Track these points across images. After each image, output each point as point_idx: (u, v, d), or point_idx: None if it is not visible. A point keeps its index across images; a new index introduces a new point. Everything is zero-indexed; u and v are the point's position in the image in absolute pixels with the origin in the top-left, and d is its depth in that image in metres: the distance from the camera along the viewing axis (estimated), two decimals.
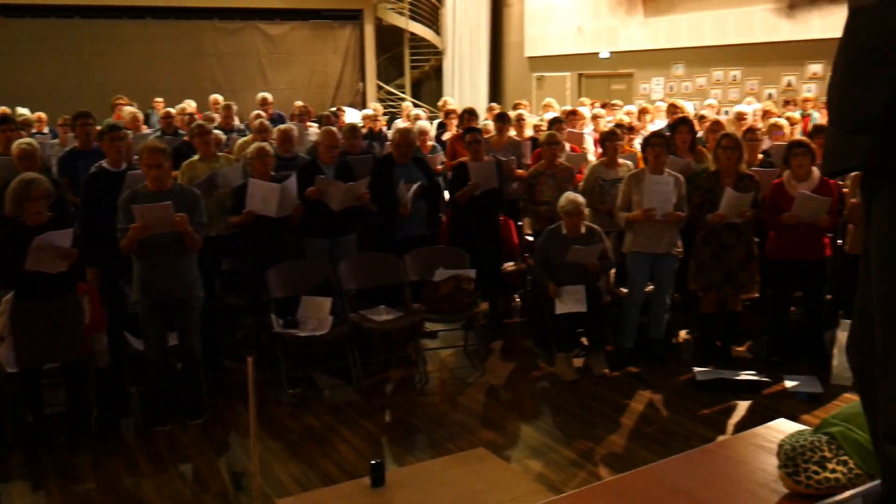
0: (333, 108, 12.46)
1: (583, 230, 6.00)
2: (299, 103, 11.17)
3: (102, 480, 4.52)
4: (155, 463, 4.72)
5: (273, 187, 5.70)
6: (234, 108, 10.26)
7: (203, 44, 17.71)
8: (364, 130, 9.78)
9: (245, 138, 8.02)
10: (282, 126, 7.31)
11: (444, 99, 12.82)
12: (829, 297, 6.12)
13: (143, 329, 5.13)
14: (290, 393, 5.56)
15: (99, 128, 6.42)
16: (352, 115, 12.03)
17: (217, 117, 10.08)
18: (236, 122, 10.36)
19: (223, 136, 7.57)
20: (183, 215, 4.84)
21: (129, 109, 10.43)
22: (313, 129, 9.66)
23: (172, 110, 10.22)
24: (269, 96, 11.60)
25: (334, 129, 7.00)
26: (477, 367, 6.16)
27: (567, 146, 8.02)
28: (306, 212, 6.06)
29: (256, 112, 10.11)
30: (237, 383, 5.64)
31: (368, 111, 11.54)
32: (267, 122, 7.94)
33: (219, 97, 12.08)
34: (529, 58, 17.91)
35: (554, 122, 8.19)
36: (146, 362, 5.14)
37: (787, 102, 10.73)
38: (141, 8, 16.73)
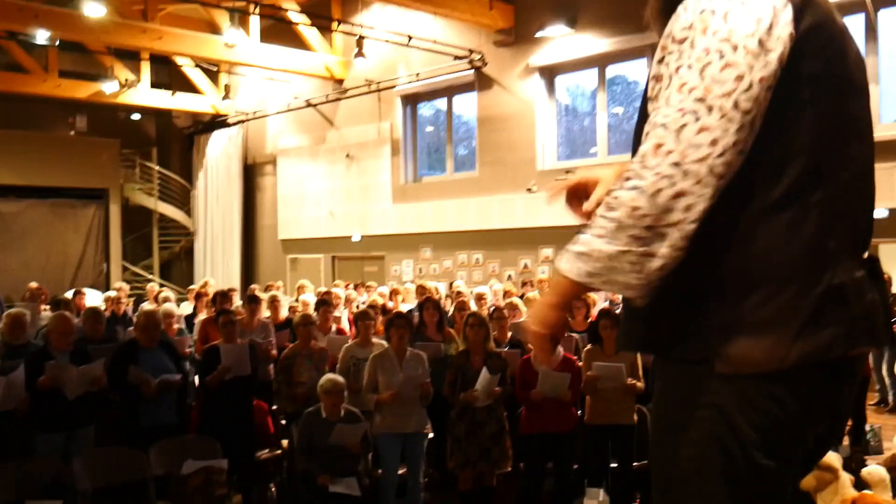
0: (73, 290, 11.72)
1: (342, 413, 5.94)
2: (34, 284, 10.42)
3: None
4: None
5: None
6: None
7: None
8: (107, 314, 9.24)
9: None
10: (12, 310, 6.71)
11: (205, 280, 12.58)
12: (575, 466, 6.43)
13: None
14: None
15: None
16: (93, 297, 11.35)
17: None
18: None
19: None
20: None
21: None
22: (46, 314, 8.96)
23: None
24: None
25: (67, 313, 6.54)
26: None
27: (333, 327, 8.07)
28: (37, 403, 5.50)
29: None
30: None
31: (111, 293, 10.97)
32: None
33: None
34: (283, 240, 18.12)
35: (320, 304, 8.25)
36: None
37: (525, 283, 11.60)
38: None
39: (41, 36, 13.76)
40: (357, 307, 9.79)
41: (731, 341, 1.46)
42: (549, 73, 13.34)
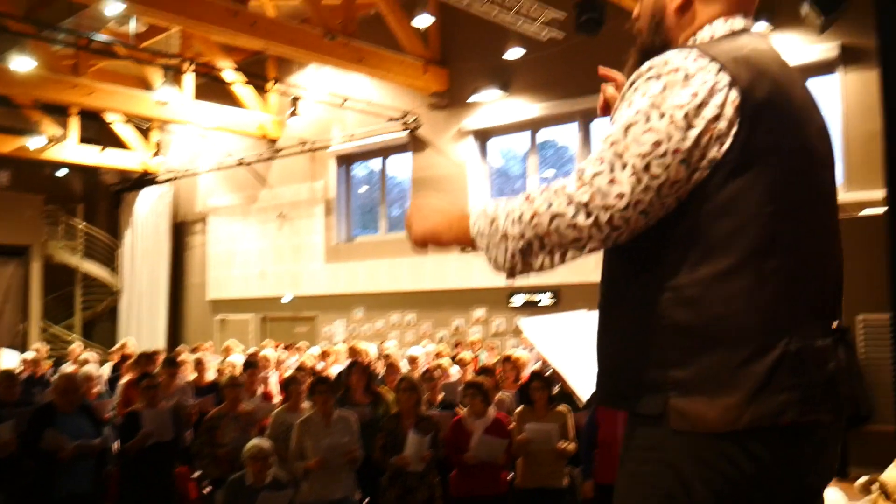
0: None
1: (268, 479, 5.75)
2: None
3: None
4: None
5: None
6: None
7: None
8: (24, 375, 8.88)
9: None
10: None
11: (123, 341, 12.16)
12: None
13: None
14: None
15: None
16: (10, 358, 10.88)
17: None
18: None
19: None
20: None
21: None
22: None
23: None
24: None
25: None
26: None
27: (259, 390, 7.86)
28: None
29: None
30: None
31: (29, 354, 10.54)
32: None
33: None
34: (211, 300, 17.77)
35: (248, 366, 8.06)
36: None
37: (457, 344, 11.57)
38: None
39: None
40: (287, 369, 9.61)
41: (687, 399, 1.50)
42: (482, 137, 13.56)
